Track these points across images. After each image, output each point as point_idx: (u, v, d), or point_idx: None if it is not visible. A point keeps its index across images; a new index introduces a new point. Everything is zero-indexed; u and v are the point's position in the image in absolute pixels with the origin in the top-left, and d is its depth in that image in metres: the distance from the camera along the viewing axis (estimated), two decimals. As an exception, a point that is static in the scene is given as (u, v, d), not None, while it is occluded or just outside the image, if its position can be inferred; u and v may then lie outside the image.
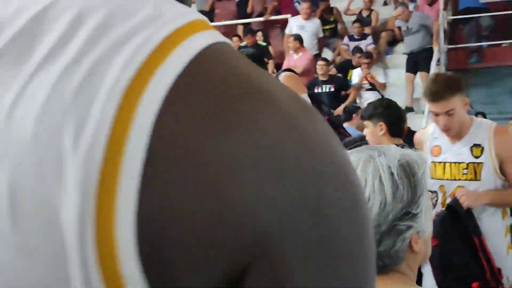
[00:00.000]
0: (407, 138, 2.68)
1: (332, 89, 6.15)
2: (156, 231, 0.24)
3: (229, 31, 7.24)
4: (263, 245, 0.25)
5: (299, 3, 6.99)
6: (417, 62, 6.28)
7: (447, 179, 2.24)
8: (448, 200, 2.20)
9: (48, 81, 0.24)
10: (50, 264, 0.25)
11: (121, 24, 0.26)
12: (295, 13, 7.00)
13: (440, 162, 2.25)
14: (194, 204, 0.24)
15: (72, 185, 0.23)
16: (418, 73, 6.21)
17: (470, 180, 2.18)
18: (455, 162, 2.24)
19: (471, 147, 2.20)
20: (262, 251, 0.25)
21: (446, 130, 2.16)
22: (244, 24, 7.58)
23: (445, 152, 2.25)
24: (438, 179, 2.26)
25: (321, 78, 6.08)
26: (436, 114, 2.12)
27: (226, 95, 0.26)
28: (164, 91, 0.24)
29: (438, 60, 6.40)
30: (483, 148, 2.15)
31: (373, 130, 2.59)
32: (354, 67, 6.53)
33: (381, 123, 2.54)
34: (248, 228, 0.24)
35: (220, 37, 0.29)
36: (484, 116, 6.25)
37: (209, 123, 0.25)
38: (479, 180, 2.12)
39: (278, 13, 7.43)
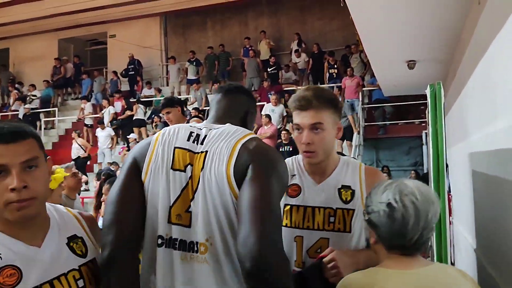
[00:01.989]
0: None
1: (291, 149, 8.91)
2: (237, 170, 1.21)
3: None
4: (253, 163, 1.21)
5: (271, 94, 10.51)
6: (345, 134, 9.17)
7: (307, 228, 1.53)
8: (306, 258, 1.52)
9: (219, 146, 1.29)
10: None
11: (231, 134, 1.30)
12: (269, 101, 10.50)
13: (298, 206, 1.56)
14: (244, 163, 1.22)
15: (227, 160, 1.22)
16: (345, 141, 9.20)
17: (338, 231, 1.52)
18: (319, 207, 1.54)
19: (340, 188, 1.56)
20: (252, 163, 1.21)
21: (310, 153, 1.53)
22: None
23: (306, 193, 1.57)
24: (294, 227, 1.55)
25: (284, 142, 8.99)
26: (299, 129, 1.55)
27: (256, 147, 1.27)
28: (243, 143, 1.27)
29: (358, 132, 9.40)
30: (353, 191, 1.55)
31: None
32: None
33: None
34: (249, 162, 1.23)
35: (253, 135, 1.30)
36: (388, 169, 9.23)
37: (252, 149, 1.26)
38: (349, 232, 1.52)
39: (258, 101, 10.93)
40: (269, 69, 12.02)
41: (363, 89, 10.36)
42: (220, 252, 1.21)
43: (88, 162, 11.03)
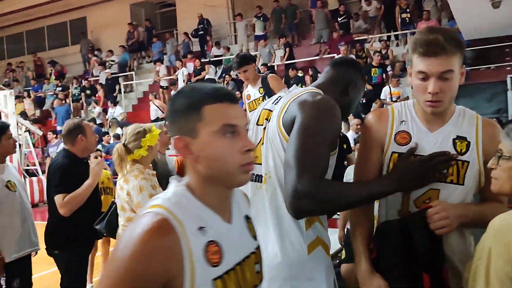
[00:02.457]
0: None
1: (364, 101, 9.01)
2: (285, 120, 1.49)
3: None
4: (297, 114, 1.44)
5: (341, 46, 10.25)
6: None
7: None
8: (412, 208, 1.47)
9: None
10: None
11: (294, 93, 1.57)
12: (339, 52, 10.25)
13: None
14: (290, 114, 1.48)
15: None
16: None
17: (450, 182, 1.44)
18: None
19: (455, 139, 1.46)
20: (297, 115, 1.45)
21: (435, 103, 1.40)
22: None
23: (417, 141, 1.47)
24: None
25: None
26: (425, 78, 1.39)
27: (304, 99, 1.48)
28: (295, 98, 1.53)
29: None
30: (469, 143, 1.46)
31: None
32: (374, 66, 9.44)
33: None
34: (295, 114, 1.47)
35: (312, 91, 1.55)
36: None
37: (299, 101, 1.48)
38: (461, 184, 1.44)
39: (328, 53, 10.79)
40: (339, 19, 11.67)
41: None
42: (275, 183, 1.53)
43: (166, 122, 11.55)
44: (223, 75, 11.85)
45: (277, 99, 1.67)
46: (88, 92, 13.81)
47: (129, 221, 2.69)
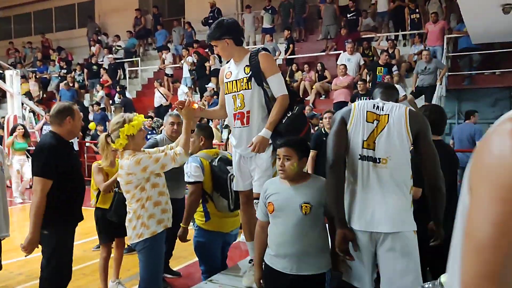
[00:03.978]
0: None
1: (368, 99, 9.01)
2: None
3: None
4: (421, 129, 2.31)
5: (347, 42, 10.21)
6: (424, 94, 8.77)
7: None
8: None
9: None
10: None
11: (399, 107, 2.24)
12: (346, 49, 10.22)
13: None
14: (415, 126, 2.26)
15: None
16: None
17: None
18: None
19: None
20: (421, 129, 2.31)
21: None
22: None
23: None
24: None
25: (360, 92, 8.68)
26: None
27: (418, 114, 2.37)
28: (409, 110, 2.28)
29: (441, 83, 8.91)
30: None
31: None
32: (380, 65, 9.26)
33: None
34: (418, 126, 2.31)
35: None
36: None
37: (416, 115, 2.29)
38: None
39: (334, 50, 10.77)
40: (348, 15, 11.61)
41: (448, 35, 9.74)
42: (396, 164, 2.20)
43: (170, 110, 11.58)
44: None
45: (375, 106, 2.25)
46: (94, 68, 13.72)
47: (133, 198, 2.80)
